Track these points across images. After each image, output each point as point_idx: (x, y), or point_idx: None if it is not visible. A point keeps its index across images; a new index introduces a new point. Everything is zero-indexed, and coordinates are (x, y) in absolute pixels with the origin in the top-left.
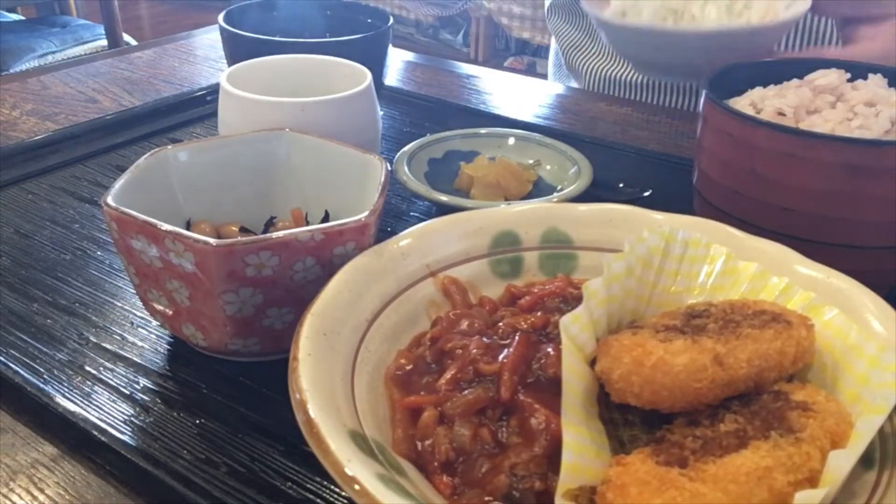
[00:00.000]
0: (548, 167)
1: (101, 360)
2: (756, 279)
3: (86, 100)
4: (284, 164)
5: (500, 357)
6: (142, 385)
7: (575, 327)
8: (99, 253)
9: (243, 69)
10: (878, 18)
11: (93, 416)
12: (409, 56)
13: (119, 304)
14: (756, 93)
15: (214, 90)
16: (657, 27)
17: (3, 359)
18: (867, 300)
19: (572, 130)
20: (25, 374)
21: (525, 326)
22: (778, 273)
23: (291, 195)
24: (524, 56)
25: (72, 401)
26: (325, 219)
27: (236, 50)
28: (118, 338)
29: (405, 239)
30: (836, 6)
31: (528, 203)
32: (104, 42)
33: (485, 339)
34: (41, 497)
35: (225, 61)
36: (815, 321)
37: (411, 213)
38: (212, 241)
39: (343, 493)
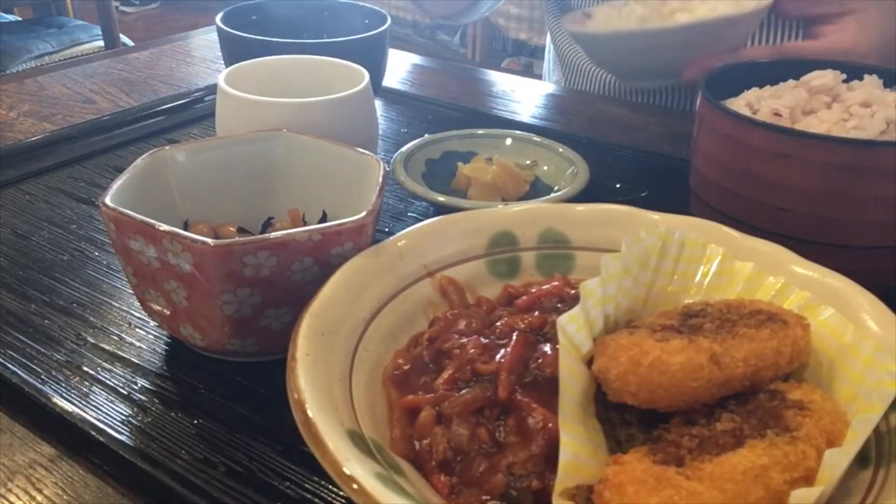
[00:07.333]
0: (545, 168)
1: (99, 361)
2: (752, 279)
3: (83, 100)
4: (282, 165)
5: (498, 357)
6: (140, 385)
7: (572, 327)
8: (96, 253)
9: (241, 70)
10: (840, 15)
11: (91, 416)
12: (407, 57)
13: (117, 305)
14: (752, 93)
15: (212, 91)
16: (632, 29)
17: (0, 359)
18: (863, 300)
19: (569, 131)
20: (23, 375)
21: (522, 326)
22: (774, 273)
23: (289, 196)
24: (521, 57)
25: (70, 401)
26: (323, 219)
27: (234, 51)
28: (116, 338)
29: (403, 239)
30: (799, 6)
31: (526, 203)
32: (101, 43)
33: (482, 339)
34: (39, 497)
35: (222, 62)
36: (810, 321)
37: (409, 214)
38: (210, 241)
39: (341, 493)
